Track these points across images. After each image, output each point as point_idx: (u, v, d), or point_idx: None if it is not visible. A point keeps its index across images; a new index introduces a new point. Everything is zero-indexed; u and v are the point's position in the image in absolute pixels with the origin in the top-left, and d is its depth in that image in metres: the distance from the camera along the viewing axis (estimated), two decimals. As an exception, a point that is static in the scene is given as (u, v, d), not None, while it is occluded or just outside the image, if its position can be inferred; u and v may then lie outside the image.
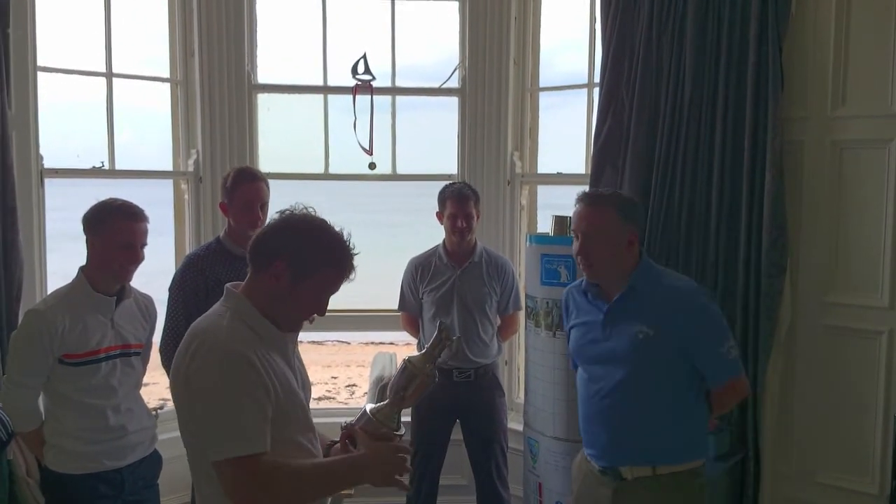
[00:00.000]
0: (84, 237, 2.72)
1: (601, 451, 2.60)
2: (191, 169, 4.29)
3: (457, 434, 3.95)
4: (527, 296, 3.77)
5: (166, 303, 3.10)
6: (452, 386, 3.82)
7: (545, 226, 4.63)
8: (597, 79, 4.12)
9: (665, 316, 2.48)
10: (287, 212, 1.97)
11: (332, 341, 11.25)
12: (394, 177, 4.60)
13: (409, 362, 2.10)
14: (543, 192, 4.62)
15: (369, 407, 2.10)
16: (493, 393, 3.92)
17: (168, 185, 4.44)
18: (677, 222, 3.55)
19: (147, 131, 4.69)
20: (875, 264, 3.24)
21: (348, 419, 2.14)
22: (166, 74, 4.34)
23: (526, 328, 3.79)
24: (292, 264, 1.88)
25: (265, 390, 1.80)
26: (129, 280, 2.79)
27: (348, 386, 9.17)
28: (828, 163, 3.33)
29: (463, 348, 3.78)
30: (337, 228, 1.96)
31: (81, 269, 2.74)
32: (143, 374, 2.94)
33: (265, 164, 4.43)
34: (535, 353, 3.69)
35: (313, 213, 1.98)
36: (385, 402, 2.10)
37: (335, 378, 9.50)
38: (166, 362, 3.06)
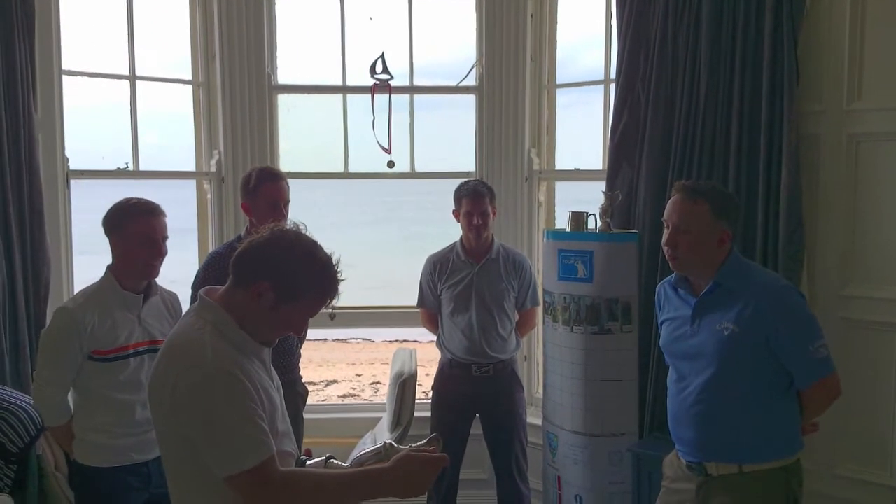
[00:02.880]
0: (107, 239, 2.79)
1: (689, 448, 2.61)
2: (213, 169, 4.37)
3: (476, 429, 3.99)
4: (544, 291, 3.81)
5: (189, 301, 3.17)
6: (471, 381, 3.86)
7: (563, 222, 4.67)
8: (613, 75, 4.16)
9: (751, 312, 2.46)
10: (278, 228, 1.94)
11: (357, 339, 11.33)
12: (412, 175, 4.64)
13: (387, 450, 1.98)
14: (562, 188, 4.64)
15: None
16: (512, 388, 3.96)
17: (191, 185, 4.52)
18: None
19: (170, 133, 4.78)
20: (892, 257, 3.23)
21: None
22: (188, 77, 4.42)
23: (544, 323, 3.82)
24: (277, 287, 1.85)
25: (257, 402, 1.81)
26: (156, 275, 2.85)
27: (373, 384, 9.23)
28: (844, 156, 3.33)
29: (482, 344, 3.83)
30: (327, 251, 1.93)
31: (108, 267, 2.81)
32: None
33: (285, 164, 4.49)
34: (552, 347, 3.72)
35: (305, 233, 1.96)
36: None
37: (360, 376, 9.57)
38: None
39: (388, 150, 4.53)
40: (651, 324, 3.62)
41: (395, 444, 1.99)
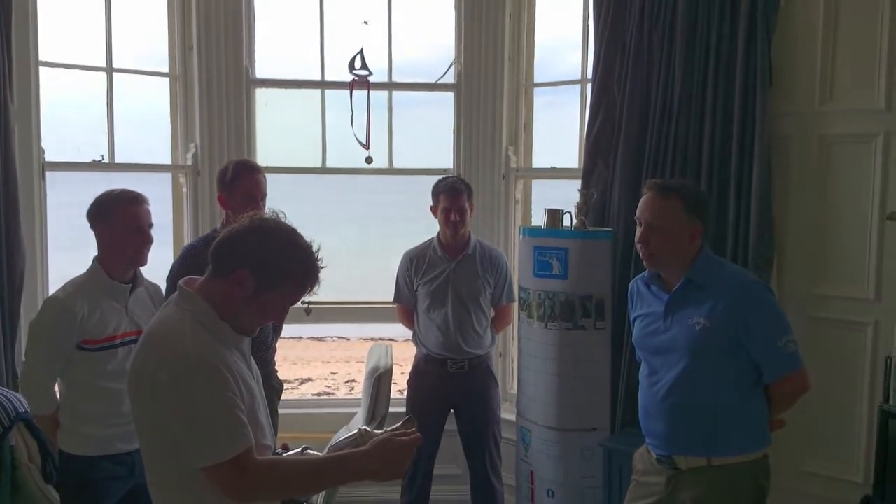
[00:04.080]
0: (91, 231, 2.80)
1: (658, 441, 2.65)
2: (189, 163, 4.35)
3: (450, 424, 4.01)
4: (520, 287, 3.84)
5: (164, 292, 3.16)
6: (447, 376, 3.89)
7: (540, 220, 4.71)
8: (590, 75, 4.20)
9: (722, 307, 2.50)
10: (257, 216, 1.94)
11: (333, 338, 11.30)
12: (390, 171, 4.65)
13: (362, 435, 2.00)
14: (538, 186, 4.68)
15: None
16: (487, 384, 3.98)
17: (166, 179, 4.49)
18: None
19: (145, 127, 4.75)
20: (861, 257, 3.30)
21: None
22: (165, 69, 4.40)
23: (519, 319, 3.85)
24: (258, 274, 1.85)
25: (236, 392, 1.82)
26: (145, 263, 2.87)
27: (347, 382, 9.22)
28: (815, 157, 3.39)
29: (457, 339, 3.85)
30: (307, 239, 1.93)
31: (95, 258, 2.82)
32: None
33: (263, 158, 4.48)
34: (528, 343, 3.76)
35: (284, 221, 1.96)
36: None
37: (335, 374, 9.55)
38: None
39: (367, 146, 4.53)
40: (624, 321, 3.66)
41: (370, 430, 2.01)
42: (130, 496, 2.87)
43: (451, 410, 4.00)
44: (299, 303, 2.03)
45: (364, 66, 4.51)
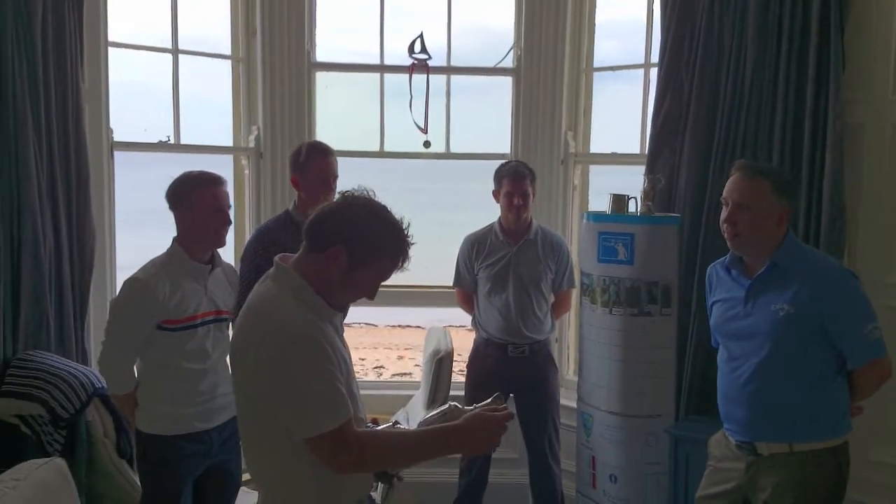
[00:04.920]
0: (170, 213, 2.85)
1: (739, 427, 2.65)
2: (251, 145, 4.39)
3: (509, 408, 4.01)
4: (582, 273, 3.83)
5: (239, 272, 3.20)
6: (507, 361, 3.90)
7: (597, 206, 4.68)
8: (653, 59, 4.16)
9: (807, 294, 2.49)
10: (349, 194, 1.98)
11: (360, 324, 11.40)
12: (447, 155, 4.66)
13: (452, 410, 2.05)
14: (595, 172, 4.65)
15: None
16: (547, 369, 3.99)
17: (227, 161, 4.53)
18: (735, 202, 3.57)
19: (206, 109, 4.79)
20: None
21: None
22: (226, 52, 4.43)
23: (581, 305, 3.84)
24: (352, 251, 1.89)
25: (336, 365, 1.87)
26: (224, 244, 2.93)
27: (376, 367, 9.31)
28: (888, 145, 3.34)
29: (518, 324, 3.86)
30: (397, 216, 1.97)
31: (175, 239, 2.86)
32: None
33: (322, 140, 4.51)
34: (590, 329, 3.75)
35: (374, 198, 1.99)
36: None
37: (363, 360, 9.65)
38: None
39: (425, 130, 4.54)
40: (690, 307, 3.66)
41: (459, 406, 2.04)
42: (207, 474, 2.92)
43: (511, 395, 4.00)
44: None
45: (424, 50, 4.51)
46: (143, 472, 2.91)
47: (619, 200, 3.66)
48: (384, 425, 2.09)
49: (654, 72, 4.16)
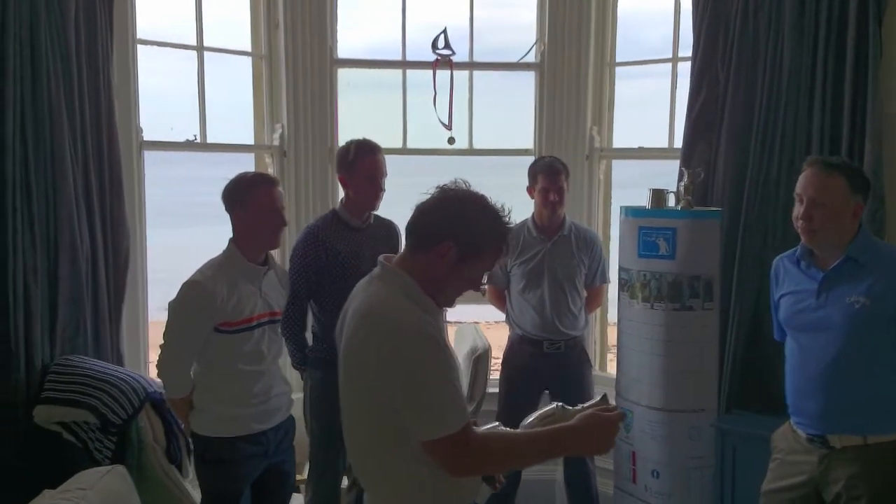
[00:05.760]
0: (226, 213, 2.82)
1: (811, 420, 2.64)
2: (276, 143, 4.32)
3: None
4: (620, 268, 3.81)
5: (289, 273, 3.15)
6: (542, 357, 3.88)
7: (619, 200, 4.67)
8: (681, 53, 4.18)
9: (882, 286, 2.50)
10: (446, 187, 1.96)
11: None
12: (471, 152, 4.63)
13: (557, 411, 2.01)
14: (617, 167, 4.65)
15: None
16: (582, 365, 3.99)
17: (248, 161, 4.46)
18: (775, 196, 3.58)
19: (225, 107, 4.71)
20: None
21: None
22: (243, 48, 4.36)
23: (619, 300, 3.83)
24: (461, 244, 1.88)
25: (454, 365, 1.85)
26: (279, 245, 2.90)
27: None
28: (928, 136, 3.37)
29: (554, 320, 3.84)
30: (497, 204, 1.96)
31: (231, 240, 2.81)
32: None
33: (344, 139, 4.44)
34: (630, 324, 3.74)
35: (470, 188, 1.97)
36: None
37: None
38: (287, 332, 3.12)
39: (449, 127, 4.51)
40: (730, 300, 3.66)
41: (566, 407, 2.01)
42: (264, 475, 2.89)
43: (546, 391, 3.99)
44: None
45: (447, 46, 4.48)
46: (201, 474, 2.86)
47: (659, 195, 3.65)
48: (486, 427, 2.06)
49: (681, 66, 4.21)
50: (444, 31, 4.46)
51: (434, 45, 4.47)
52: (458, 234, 1.88)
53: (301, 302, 3.20)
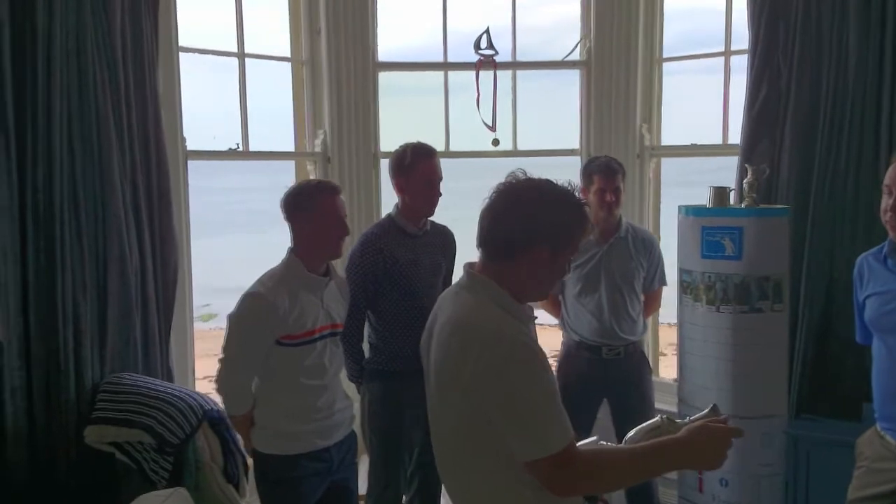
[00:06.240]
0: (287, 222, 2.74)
1: None
2: (318, 149, 4.22)
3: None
4: (681, 270, 3.68)
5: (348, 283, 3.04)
6: (601, 364, 3.75)
7: (668, 199, 4.55)
8: (734, 46, 4.04)
9: None
10: (512, 185, 1.84)
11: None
12: (515, 153, 4.51)
13: (665, 423, 1.90)
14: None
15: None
16: (643, 370, 3.85)
17: (288, 168, 4.36)
18: (842, 194, 3.44)
19: (264, 114, 4.63)
20: None
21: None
22: (285, 54, 4.27)
23: (681, 303, 3.70)
24: (552, 243, 1.79)
25: (554, 380, 1.74)
26: (342, 254, 2.81)
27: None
28: None
29: (612, 325, 3.71)
30: (563, 183, 1.86)
31: (291, 250, 2.71)
32: None
33: (386, 143, 4.37)
34: (693, 328, 3.60)
35: (532, 178, 1.86)
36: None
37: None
38: (345, 343, 3.02)
39: (493, 128, 4.39)
40: (798, 301, 3.53)
41: (673, 420, 1.88)
42: (328, 493, 2.78)
43: (605, 399, 3.86)
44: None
45: (490, 46, 4.36)
46: (263, 493, 2.75)
47: (721, 193, 3.51)
48: (585, 441, 1.93)
49: (735, 60, 4.08)
50: (487, 31, 4.35)
51: (476, 46, 4.36)
52: (547, 233, 1.78)
53: (359, 312, 3.09)
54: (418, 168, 3.08)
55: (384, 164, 4.33)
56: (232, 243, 16.24)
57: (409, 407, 3.13)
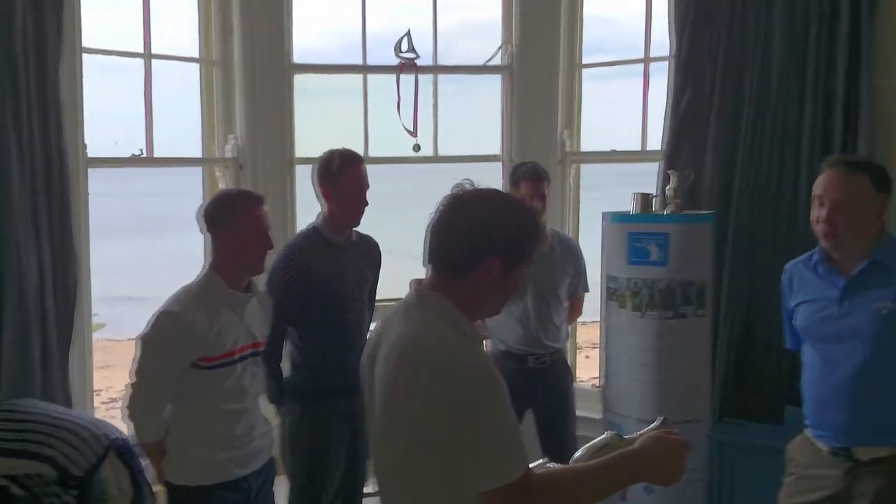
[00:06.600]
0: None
1: (835, 433, 2.49)
2: (230, 155, 4.03)
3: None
4: (607, 276, 3.66)
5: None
6: (526, 373, 3.68)
7: (588, 205, 4.54)
8: (653, 52, 4.06)
9: None
10: (458, 197, 1.71)
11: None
12: (437, 159, 4.42)
13: (613, 440, 1.82)
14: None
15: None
16: (566, 379, 3.81)
17: (196, 175, 4.15)
18: (764, 200, 3.48)
19: (166, 117, 4.39)
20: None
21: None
22: (195, 54, 4.06)
23: (606, 309, 3.68)
24: (506, 258, 1.68)
25: (510, 405, 1.62)
26: (264, 270, 2.64)
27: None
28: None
29: (538, 333, 3.66)
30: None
31: (211, 265, 2.54)
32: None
33: (302, 149, 4.21)
34: (618, 335, 3.59)
35: (481, 188, 1.76)
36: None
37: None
38: (269, 364, 2.86)
39: (414, 133, 4.29)
40: (720, 306, 3.55)
41: (622, 436, 1.82)
42: (247, 523, 2.61)
43: (530, 407, 3.80)
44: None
45: (411, 49, 4.26)
46: None
47: (645, 199, 3.51)
48: (534, 464, 1.84)
49: (654, 66, 4.09)
50: (408, 34, 4.24)
51: (397, 49, 4.24)
52: (501, 248, 1.67)
53: (281, 329, 2.93)
54: (347, 175, 2.94)
55: (300, 171, 4.20)
56: (123, 250, 15.57)
57: (333, 427, 2.99)
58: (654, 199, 3.54)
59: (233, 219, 2.49)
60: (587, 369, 6.34)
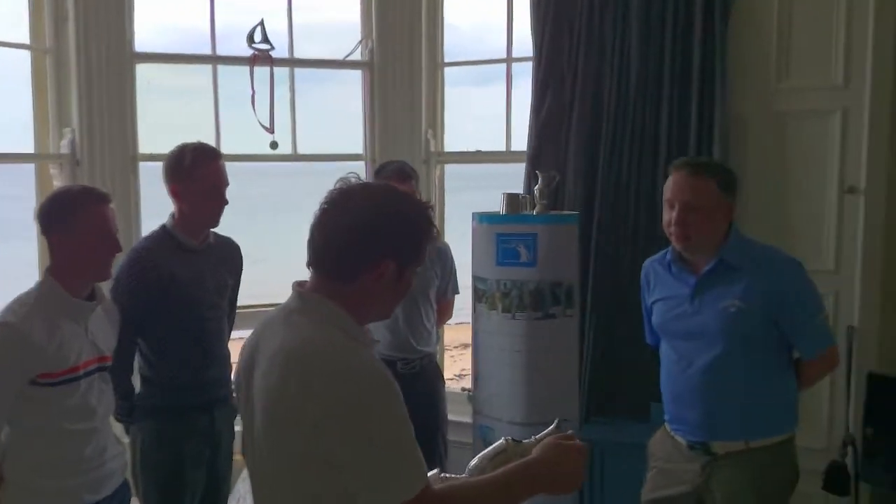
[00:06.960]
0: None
1: (691, 427, 2.53)
2: (66, 150, 3.66)
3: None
4: (476, 278, 3.59)
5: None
6: (397, 379, 3.54)
7: (452, 206, 4.49)
8: (515, 54, 4.05)
9: (757, 288, 2.41)
10: (343, 191, 1.59)
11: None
12: (295, 157, 4.21)
13: (509, 446, 1.78)
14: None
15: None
16: (437, 384, 3.74)
17: (28, 173, 3.75)
18: (625, 200, 3.54)
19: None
20: (820, 230, 3.39)
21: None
22: (25, 41, 3.67)
23: (476, 311, 3.61)
24: (397, 257, 1.57)
25: (407, 416, 1.51)
26: (110, 276, 2.39)
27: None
28: (773, 134, 3.44)
29: (408, 337, 3.55)
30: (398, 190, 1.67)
31: (48, 271, 2.25)
32: None
33: (145, 145, 3.91)
34: (488, 337, 3.53)
35: (368, 183, 1.67)
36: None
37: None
38: (117, 379, 2.58)
39: (271, 130, 4.07)
40: (585, 306, 3.57)
41: (518, 441, 1.75)
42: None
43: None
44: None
45: (265, 40, 4.03)
46: None
47: (514, 199, 3.47)
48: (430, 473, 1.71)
49: (516, 67, 4.08)
50: (262, 23, 4.01)
51: (250, 39, 4.00)
52: (391, 247, 1.56)
53: (130, 340, 2.64)
54: (200, 172, 2.69)
55: (144, 168, 3.88)
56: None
57: (189, 446, 2.75)
58: (523, 200, 3.50)
59: (73, 219, 2.22)
60: (453, 370, 6.31)
